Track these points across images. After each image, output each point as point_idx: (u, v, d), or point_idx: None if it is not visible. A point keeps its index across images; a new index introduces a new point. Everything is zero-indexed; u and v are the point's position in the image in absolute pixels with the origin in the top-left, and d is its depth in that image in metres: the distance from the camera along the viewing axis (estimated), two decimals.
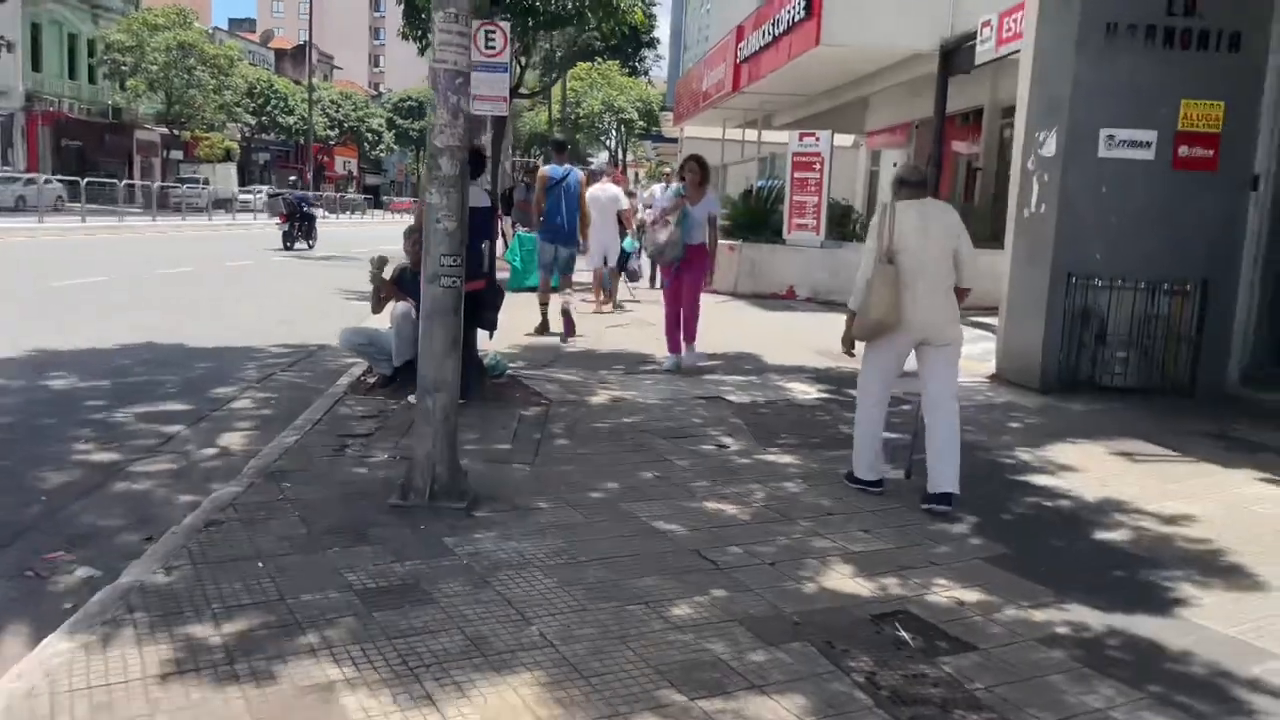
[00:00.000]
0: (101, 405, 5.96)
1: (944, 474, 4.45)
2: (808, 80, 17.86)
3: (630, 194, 14.33)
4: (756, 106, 20.12)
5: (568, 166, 9.92)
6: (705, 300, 8.20)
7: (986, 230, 12.56)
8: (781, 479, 4.86)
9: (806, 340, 9.84)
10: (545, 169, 10.23)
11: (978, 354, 9.13)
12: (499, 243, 14.51)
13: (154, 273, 14.65)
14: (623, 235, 12.02)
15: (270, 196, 44.34)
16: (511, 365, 7.47)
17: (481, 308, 6.09)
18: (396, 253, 6.96)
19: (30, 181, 32.91)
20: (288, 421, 5.56)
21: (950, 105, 15.32)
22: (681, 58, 32.81)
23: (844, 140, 25.25)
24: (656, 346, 8.30)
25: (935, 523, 4.31)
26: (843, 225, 14.77)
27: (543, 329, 9.49)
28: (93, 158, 45.95)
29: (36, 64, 43.74)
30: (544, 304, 9.66)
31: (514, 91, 14.64)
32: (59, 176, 35.87)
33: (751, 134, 22.70)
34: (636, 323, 10.51)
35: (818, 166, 13.40)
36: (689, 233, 7.57)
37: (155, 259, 16.94)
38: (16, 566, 3.53)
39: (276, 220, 23.52)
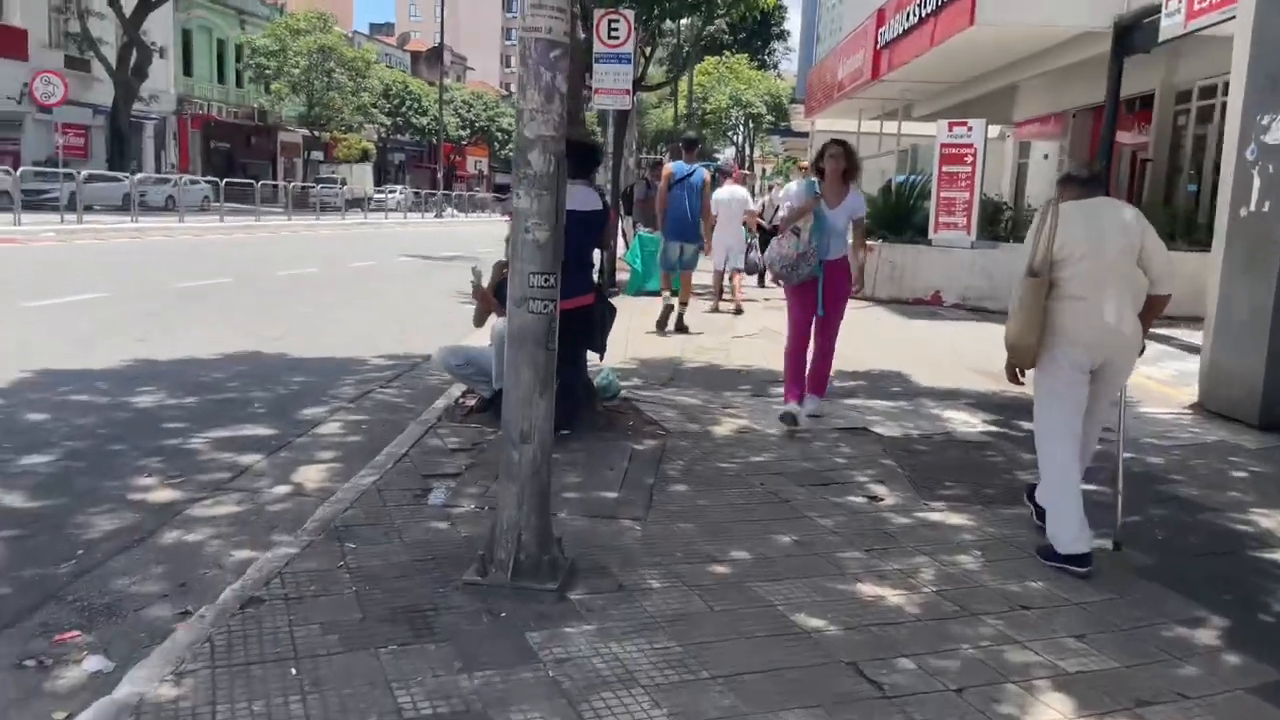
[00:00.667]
0: (180, 428, 5.45)
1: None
2: (954, 66, 16.50)
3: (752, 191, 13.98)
4: (896, 96, 18.83)
5: (694, 165, 9.73)
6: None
7: (1161, 230, 11.10)
8: (953, 548, 3.89)
9: (960, 355, 8.71)
10: (670, 165, 10.03)
11: (1168, 376, 7.83)
12: (619, 242, 13.86)
13: (278, 273, 14.56)
14: (749, 239, 11.62)
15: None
16: (626, 384, 6.68)
17: (589, 327, 5.30)
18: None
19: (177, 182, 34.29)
20: (374, 452, 4.91)
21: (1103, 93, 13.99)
22: (814, 49, 31.58)
23: (989, 131, 23.62)
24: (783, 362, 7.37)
25: (1168, 623, 3.27)
26: (994, 224, 13.43)
27: (663, 323, 9.39)
28: (240, 159, 47.88)
29: (188, 69, 45.80)
30: (668, 299, 9.52)
31: (638, 84, 13.89)
32: (205, 177, 37.35)
33: (890, 126, 21.36)
34: (765, 333, 9.57)
35: (969, 159, 12.14)
36: (825, 244, 5.62)
37: (284, 258, 16.97)
38: (21, 651, 2.93)
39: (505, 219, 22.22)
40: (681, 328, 9.44)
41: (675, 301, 9.53)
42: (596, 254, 5.39)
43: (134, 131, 36.62)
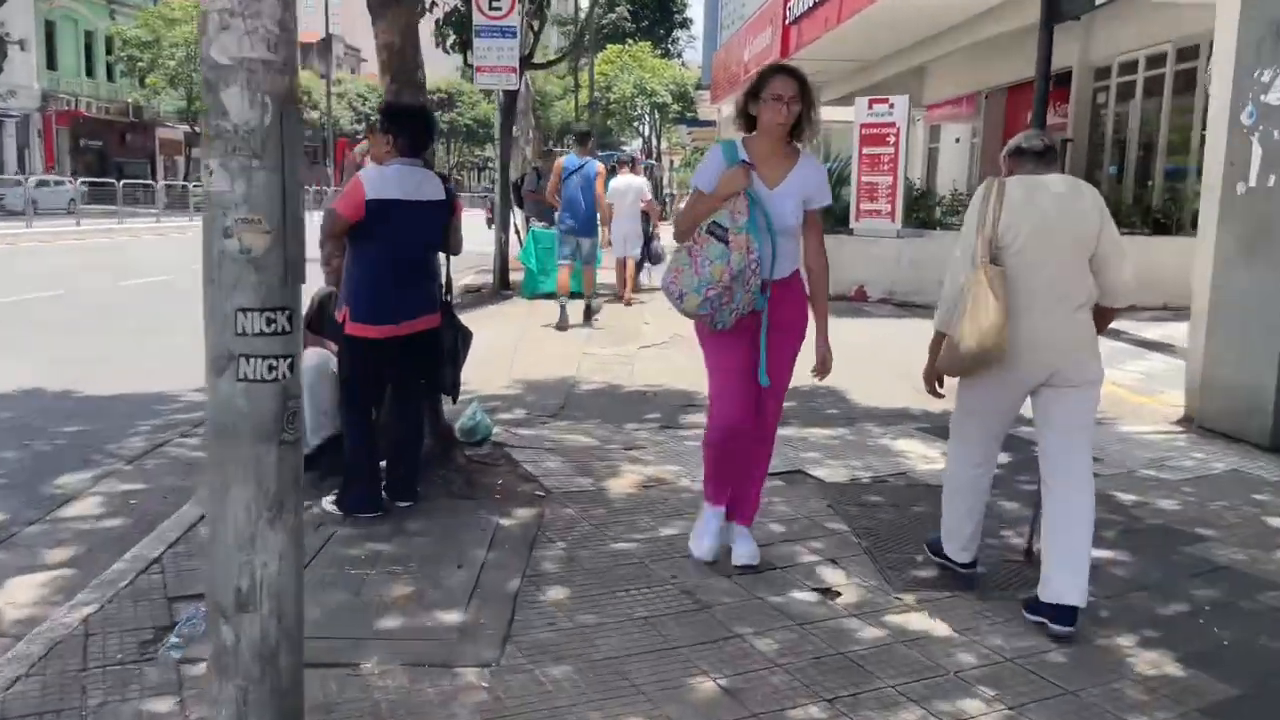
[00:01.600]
0: None
1: (1067, 578, 2.91)
2: (867, 41, 15.54)
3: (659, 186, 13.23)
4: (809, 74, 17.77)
5: (586, 158, 9.49)
6: None
7: None
8: (951, 687, 2.64)
9: (896, 363, 7.56)
10: (562, 159, 9.84)
11: (1134, 381, 6.82)
12: (511, 238, 12.44)
13: (122, 283, 12.70)
14: (646, 229, 11.09)
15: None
16: (504, 418, 5.33)
17: (436, 358, 3.93)
18: None
19: (42, 184, 31.43)
20: (126, 547, 3.45)
21: (1024, 69, 13.25)
22: (719, 34, 30.51)
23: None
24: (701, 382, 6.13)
25: None
26: (919, 210, 12.42)
27: (563, 324, 8.94)
28: (115, 158, 44.69)
29: (52, 62, 42.43)
30: (563, 299, 9.12)
31: (526, 62, 12.46)
32: (67, 178, 34.52)
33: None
34: (676, 341, 8.31)
35: (891, 139, 11.06)
36: (767, 253, 3.19)
37: (138, 266, 14.99)
38: None
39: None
40: (589, 313, 9.35)
41: (566, 303, 9.11)
42: (439, 260, 3.99)
43: None
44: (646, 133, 55.86)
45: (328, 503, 3.79)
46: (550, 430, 5.26)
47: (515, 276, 12.07)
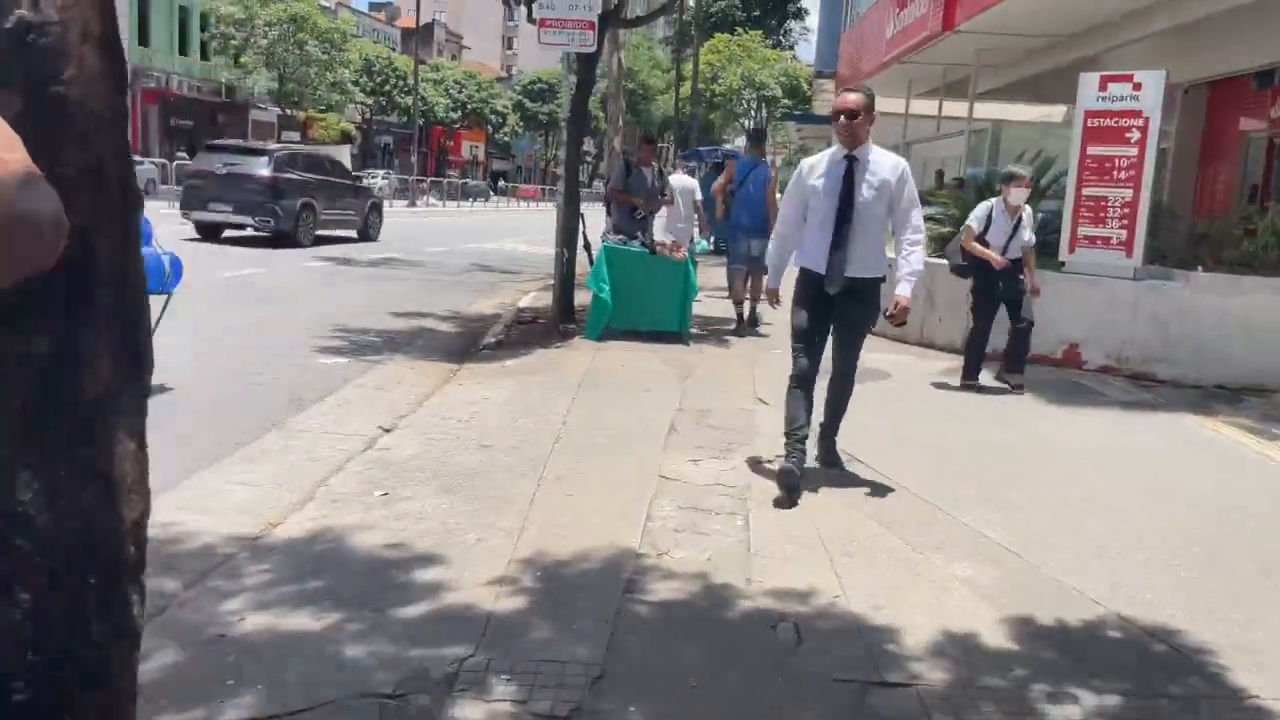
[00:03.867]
0: None
1: None
2: (1060, 13, 11.91)
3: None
4: (966, 61, 14.13)
5: (757, 158, 9.51)
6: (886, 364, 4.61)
7: None
8: None
9: (1196, 531, 4.15)
10: (734, 161, 10.12)
11: None
12: (580, 252, 9.35)
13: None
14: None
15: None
16: None
17: None
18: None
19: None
20: None
21: (1228, 64, 10.97)
22: (844, 15, 26.86)
23: (1054, 112, 18.92)
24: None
25: None
26: (1159, 236, 8.77)
27: (741, 327, 9.13)
28: (206, 139, 43.49)
29: (144, 38, 41.32)
30: (739, 301, 9.24)
31: (612, 16, 9.31)
32: (151, 159, 33.18)
33: (955, 107, 16.71)
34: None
35: (1135, 136, 7.52)
36: None
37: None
38: None
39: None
40: (753, 321, 9.35)
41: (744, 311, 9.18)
42: None
43: None
44: (751, 128, 52.29)
45: None
46: None
47: (582, 296, 8.99)
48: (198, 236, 15.88)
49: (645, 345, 8.04)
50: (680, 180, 10.84)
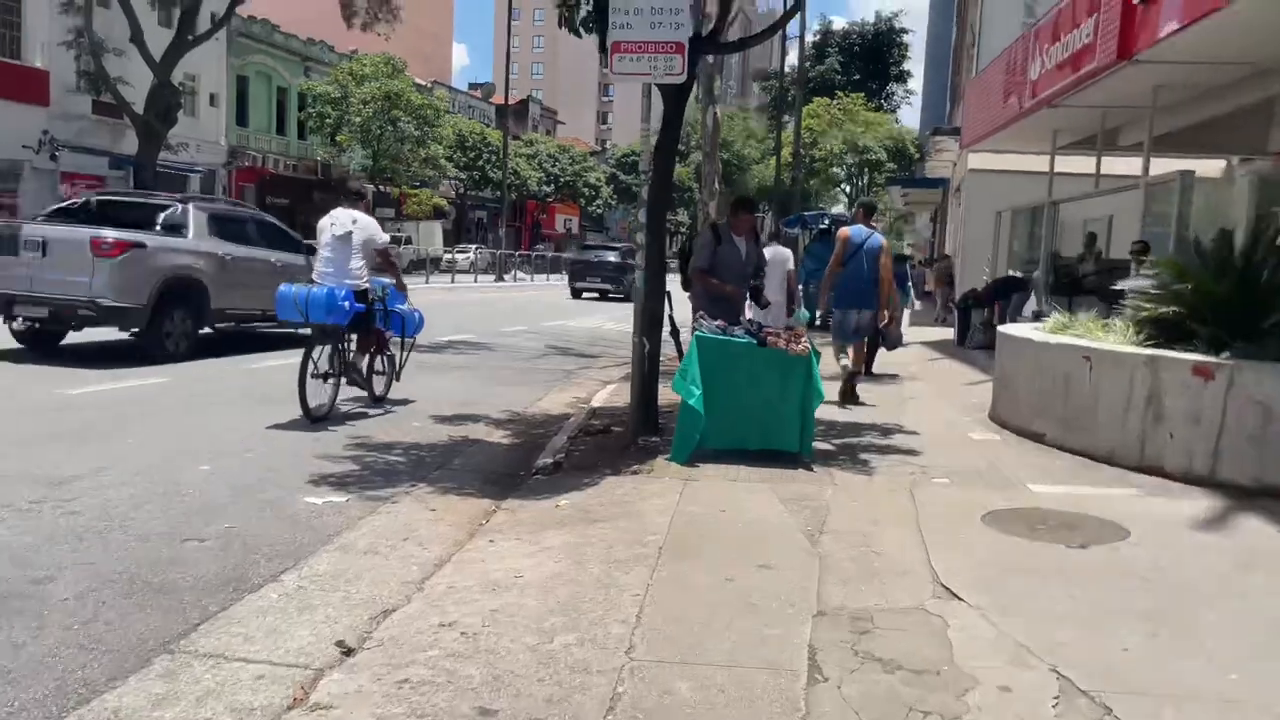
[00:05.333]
0: None
1: None
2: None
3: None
4: (1137, 97, 11.67)
5: (870, 229, 8.96)
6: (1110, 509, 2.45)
7: None
8: None
9: None
10: (848, 229, 9.09)
11: None
12: (668, 343, 7.02)
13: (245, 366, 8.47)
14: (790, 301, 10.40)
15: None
16: None
17: None
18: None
19: None
20: None
21: None
22: (956, 70, 24.64)
23: (1210, 168, 16.15)
24: None
25: None
26: None
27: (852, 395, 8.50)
28: (302, 216, 43.55)
29: (242, 118, 41.78)
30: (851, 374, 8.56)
31: (706, 41, 7.33)
32: None
33: (1079, 163, 14.21)
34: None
35: None
36: None
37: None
38: None
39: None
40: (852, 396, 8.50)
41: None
42: None
43: (171, 185, 31.95)
44: (851, 193, 50.09)
45: None
46: None
47: (669, 394, 6.89)
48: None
49: (752, 470, 5.88)
50: (773, 251, 10.32)
